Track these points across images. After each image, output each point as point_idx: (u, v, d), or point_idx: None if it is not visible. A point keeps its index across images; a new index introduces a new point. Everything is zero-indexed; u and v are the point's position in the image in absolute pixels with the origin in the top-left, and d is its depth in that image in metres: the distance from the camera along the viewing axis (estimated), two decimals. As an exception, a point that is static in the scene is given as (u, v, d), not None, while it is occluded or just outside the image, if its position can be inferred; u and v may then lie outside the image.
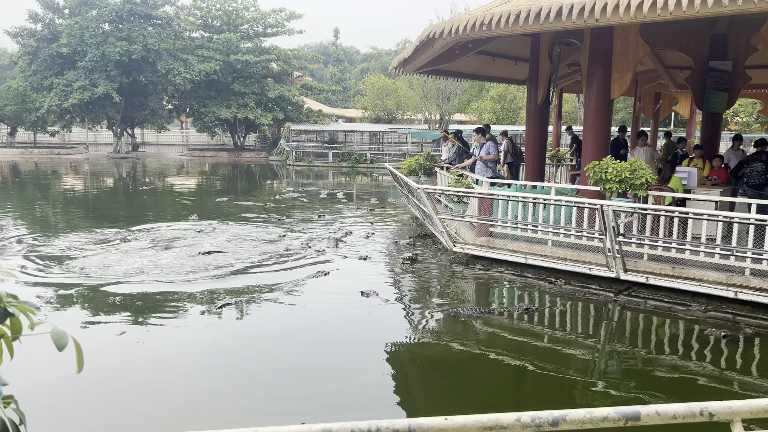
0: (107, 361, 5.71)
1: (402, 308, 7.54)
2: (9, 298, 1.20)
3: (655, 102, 20.65)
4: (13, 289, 7.04)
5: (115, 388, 5.20)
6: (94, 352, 5.92)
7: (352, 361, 5.93)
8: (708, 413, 1.73)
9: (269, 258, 9.96)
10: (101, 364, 5.59)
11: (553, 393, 5.27)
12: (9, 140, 48.87)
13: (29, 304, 1.24)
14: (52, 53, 39.56)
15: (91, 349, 5.98)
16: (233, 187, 25.30)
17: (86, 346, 4.42)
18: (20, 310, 1.20)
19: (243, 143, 49.20)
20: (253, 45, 45.77)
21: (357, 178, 31.03)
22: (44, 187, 24.15)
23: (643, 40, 9.30)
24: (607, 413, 1.70)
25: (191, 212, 15.29)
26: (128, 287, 8.04)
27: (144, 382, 5.37)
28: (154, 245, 10.92)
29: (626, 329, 6.98)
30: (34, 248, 10.58)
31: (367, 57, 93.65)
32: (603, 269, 8.13)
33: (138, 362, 5.79)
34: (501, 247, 9.47)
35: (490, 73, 16.39)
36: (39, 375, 5.21)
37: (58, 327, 1.20)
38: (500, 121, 43.15)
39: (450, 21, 8.96)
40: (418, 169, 13.06)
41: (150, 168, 35.07)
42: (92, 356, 5.73)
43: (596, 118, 9.87)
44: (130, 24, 40.04)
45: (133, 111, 43.26)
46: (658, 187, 8.82)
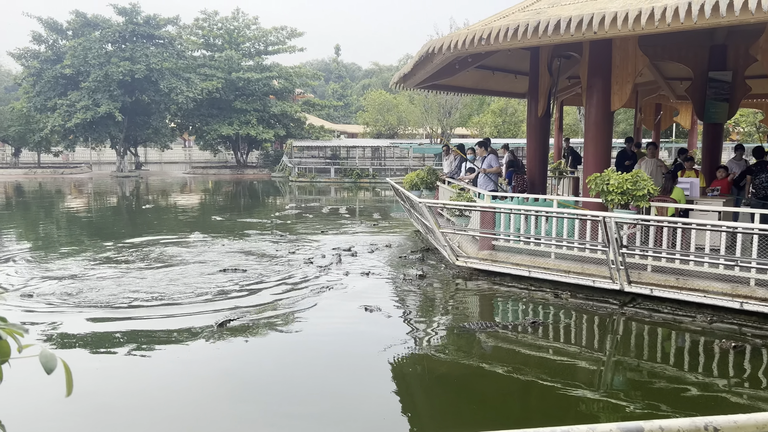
0: (106, 384, 5.68)
1: (406, 323, 7.50)
2: (-2, 321, 1.18)
3: (656, 113, 20.68)
4: (23, 314, 7.01)
5: (116, 411, 5.16)
6: (86, 375, 5.90)
7: (356, 377, 5.88)
8: (713, 428, 1.70)
9: (271, 274, 9.94)
10: (100, 386, 5.56)
11: (558, 408, 5.21)
12: (13, 161, 49.16)
13: (18, 327, 1.22)
14: (56, 74, 39.93)
15: (84, 372, 5.96)
16: (236, 204, 25.35)
17: (85, 370, 4.39)
18: (8, 333, 1.18)
19: (246, 160, 49.41)
20: (255, 63, 46.18)
21: (359, 193, 31.07)
22: (47, 206, 24.23)
23: (642, 52, 9.33)
24: (610, 429, 1.67)
25: (193, 229, 15.30)
26: (127, 308, 8.02)
27: (147, 406, 5.33)
28: (156, 264, 10.91)
29: (631, 342, 6.93)
30: (36, 268, 10.59)
31: (369, 73, 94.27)
32: (607, 281, 8.08)
33: (138, 383, 5.75)
34: (504, 260, 9.43)
35: (490, 87, 16.46)
36: (37, 400, 5.18)
37: (47, 350, 1.18)
38: (501, 135, 43.28)
39: (448, 36, 9.00)
40: (420, 183, 13.07)
41: (153, 186, 35.19)
42: (89, 378, 5.71)
43: (597, 131, 9.88)
44: (132, 44, 40.45)
45: (136, 130, 43.55)
46: (661, 198, 8.79)
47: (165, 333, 6.98)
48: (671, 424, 1.70)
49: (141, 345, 6.62)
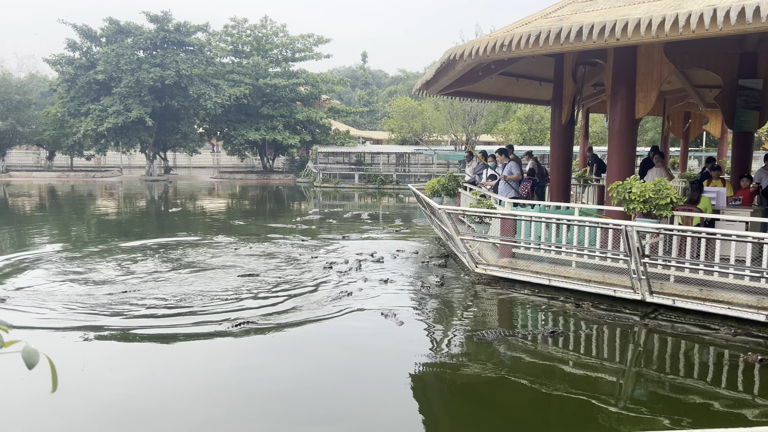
0: (124, 387, 5.78)
1: (425, 330, 7.47)
2: (-19, 317, 1.21)
3: (684, 121, 20.33)
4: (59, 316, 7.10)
5: (135, 415, 5.24)
6: (102, 377, 6.00)
7: (374, 383, 5.87)
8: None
9: (291, 279, 10.00)
10: (115, 388, 5.65)
11: (578, 419, 5.14)
12: (47, 164, 50.46)
13: (2, 323, 1.26)
14: (89, 80, 40.94)
15: (101, 374, 6.07)
16: (261, 208, 25.60)
17: (102, 373, 4.46)
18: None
19: (272, 166, 49.91)
20: (282, 69, 46.69)
21: (383, 199, 31.12)
22: (79, 208, 24.78)
23: (668, 59, 9.19)
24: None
25: (217, 233, 15.50)
26: (146, 312, 8.15)
27: (161, 410, 5.40)
28: (179, 267, 11.08)
29: (653, 353, 6.79)
30: (62, 269, 10.84)
31: (395, 80, 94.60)
32: (628, 291, 7.95)
33: (154, 387, 5.83)
34: (524, 268, 9.35)
35: (514, 94, 16.37)
36: (63, 403, 5.29)
37: (30, 345, 1.22)
38: (527, 142, 42.96)
39: (470, 43, 9.00)
40: (441, 190, 13.04)
41: (181, 190, 35.75)
42: (105, 380, 5.82)
43: (620, 138, 9.74)
44: (163, 51, 41.25)
45: (165, 135, 44.37)
46: (686, 207, 8.63)
47: (183, 336, 7.07)
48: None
49: (159, 349, 6.71)
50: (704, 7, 6.66)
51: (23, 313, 7.82)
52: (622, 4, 8.24)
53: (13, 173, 46.27)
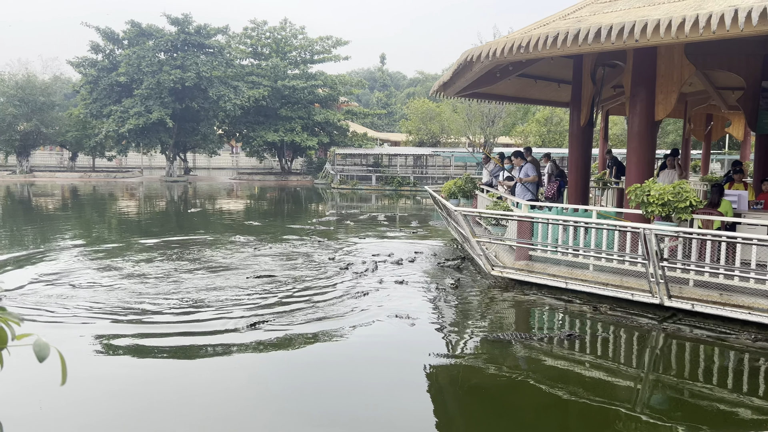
0: (140, 387, 5.84)
1: (440, 333, 7.46)
2: (-6, 311, 1.25)
3: (706, 124, 20.05)
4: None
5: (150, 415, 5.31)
6: (119, 378, 6.08)
7: (388, 384, 5.87)
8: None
9: (307, 279, 10.05)
10: (134, 389, 5.72)
11: (594, 424, 5.09)
12: (70, 164, 51.29)
13: (13, 316, 1.29)
14: (111, 82, 41.57)
15: (117, 375, 6.14)
16: (278, 209, 25.75)
17: (117, 373, 4.52)
18: (2, 321, 1.25)
19: (290, 167, 50.20)
20: (300, 71, 46.97)
21: (400, 201, 31.12)
22: (100, 208, 25.15)
23: (689, 61, 9.08)
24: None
25: (234, 233, 15.63)
26: (168, 309, 8.25)
27: (178, 411, 5.46)
28: (195, 267, 11.19)
29: (671, 358, 6.70)
30: (80, 267, 11.01)
31: (414, 81, 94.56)
32: (646, 295, 7.86)
33: (170, 386, 5.89)
34: (540, 271, 9.28)
35: (532, 95, 16.28)
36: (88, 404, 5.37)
37: (41, 339, 1.25)
38: (546, 144, 42.69)
39: (487, 44, 8.97)
40: (458, 191, 13.01)
41: (200, 191, 36.09)
42: (121, 380, 5.89)
43: (640, 141, 9.64)
44: (184, 53, 41.73)
45: (185, 136, 44.86)
46: (707, 210, 8.51)
47: (198, 335, 7.13)
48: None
49: (174, 348, 6.79)
50: (725, 7, 6.57)
51: (39, 309, 7.95)
52: (642, 4, 8.16)
53: (37, 173, 47.09)
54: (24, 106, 43.43)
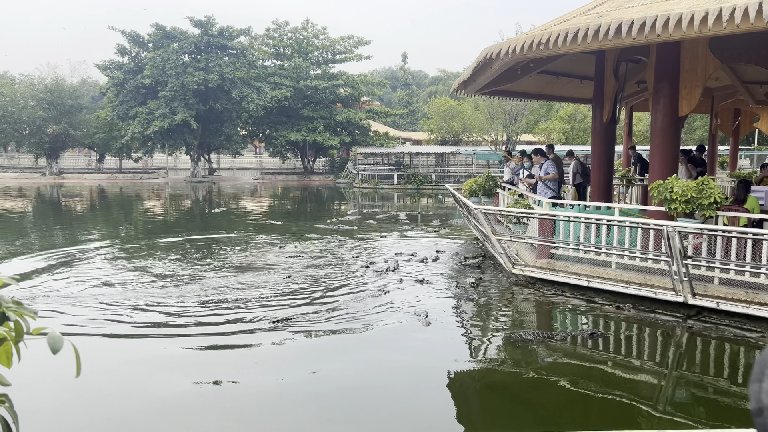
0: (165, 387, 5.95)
1: (461, 331, 7.45)
2: (10, 304, 1.31)
3: (734, 119, 19.63)
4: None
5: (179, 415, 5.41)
6: (143, 375, 6.20)
7: (409, 384, 5.89)
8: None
9: (328, 278, 10.12)
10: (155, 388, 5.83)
11: (617, 422, 5.05)
12: (97, 166, 52.26)
13: (28, 310, 1.35)
14: (137, 84, 42.25)
15: (142, 372, 6.26)
16: (301, 209, 25.93)
17: (146, 371, 4.61)
18: (18, 315, 1.31)
19: (312, 167, 50.46)
20: (322, 71, 47.17)
21: (422, 200, 31.09)
22: (127, 209, 25.61)
23: (714, 55, 8.92)
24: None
25: (257, 233, 15.80)
26: (189, 311, 8.38)
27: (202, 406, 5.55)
28: (219, 266, 11.34)
29: (695, 357, 6.61)
30: (109, 267, 11.24)
31: (436, 80, 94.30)
32: (669, 293, 7.75)
33: (194, 383, 6.00)
34: (562, 269, 9.21)
35: (554, 92, 16.13)
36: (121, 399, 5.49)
37: (55, 332, 1.30)
38: (570, 141, 42.25)
39: (507, 41, 8.93)
40: (479, 190, 12.96)
41: (225, 191, 36.51)
42: (149, 378, 6.01)
43: (663, 137, 9.50)
44: (207, 55, 42.22)
45: (209, 137, 45.39)
46: (733, 207, 8.36)
47: (222, 334, 7.24)
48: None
49: (201, 346, 6.90)
50: (749, 0, 6.45)
51: (65, 310, 8.15)
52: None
53: (66, 175, 48.09)
54: (53, 109, 44.38)
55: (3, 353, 1.34)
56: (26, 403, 5.07)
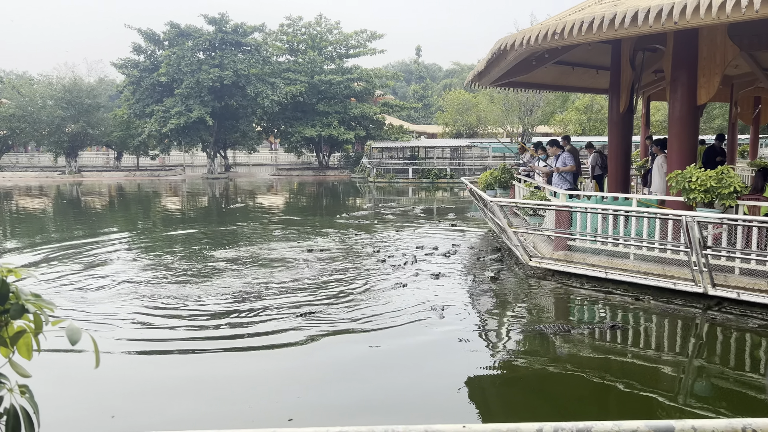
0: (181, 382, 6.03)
1: (479, 324, 7.43)
2: (29, 297, 1.34)
3: (754, 107, 19.30)
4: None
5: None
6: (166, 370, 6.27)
7: (427, 374, 5.90)
8: (751, 430, 1.62)
9: (345, 272, 10.15)
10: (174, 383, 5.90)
11: (637, 415, 5.02)
12: (115, 164, 52.85)
13: (47, 303, 1.37)
14: (153, 82, 42.61)
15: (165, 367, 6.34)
16: (317, 204, 26.03)
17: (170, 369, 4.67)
18: (37, 307, 1.34)
19: (327, 162, 50.57)
20: (336, 66, 47.18)
21: (437, 193, 31.02)
22: (145, 206, 25.89)
23: (733, 42, 8.76)
24: (637, 426, 1.63)
25: (275, 228, 15.89)
26: (214, 301, 8.47)
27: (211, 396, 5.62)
28: (237, 261, 11.43)
29: (716, 348, 6.54)
30: (131, 262, 11.38)
31: (450, 73, 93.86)
32: (689, 284, 7.66)
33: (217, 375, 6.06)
34: (580, 260, 9.15)
35: (570, 83, 15.98)
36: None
37: (74, 324, 1.32)
38: (586, 132, 41.84)
39: (521, 32, 8.85)
40: (494, 182, 12.90)
41: (241, 187, 36.73)
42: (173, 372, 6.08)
43: (681, 126, 9.38)
44: (222, 52, 42.43)
45: (225, 134, 45.67)
46: (753, 196, 8.24)
47: (246, 327, 7.31)
48: (705, 424, 1.64)
49: (227, 339, 6.97)
50: (769, -15, 6.32)
51: (86, 305, 8.27)
52: (681, -15, 7.91)
53: (85, 173, 48.71)
54: (71, 108, 44.92)
55: (23, 345, 1.37)
56: (45, 395, 5.17)
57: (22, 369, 1.34)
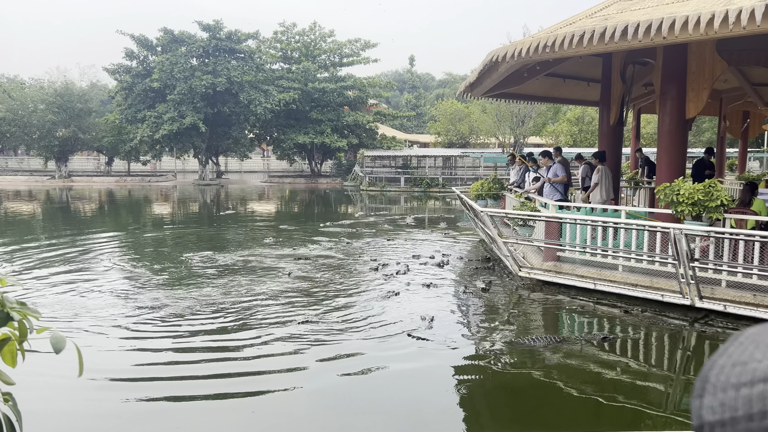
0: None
1: (468, 335, 7.44)
2: (15, 304, 1.34)
3: (743, 121, 19.54)
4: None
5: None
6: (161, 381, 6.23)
7: (414, 387, 5.90)
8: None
9: (337, 281, 10.14)
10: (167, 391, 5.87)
11: (626, 426, 5.03)
12: (106, 169, 52.54)
13: (32, 311, 1.37)
14: (145, 88, 42.48)
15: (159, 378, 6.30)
16: (309, 212, 25.99)
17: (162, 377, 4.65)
18: (22, 315, 1.33)
19: (320, 170, 50.55)
20: (330, 74, 47.27)
21: (429, 202, 31.08)
22: (135, 212, 25.75)
23: (721, 57, 8.88)
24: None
25: (266, 236, 15.85)
26: (203, 317, 8.43)
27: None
28: (228, 272, 11.39)
29: (704, 360, 6.58)
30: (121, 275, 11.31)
31: (443, 83, 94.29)
32: (677, 296, 7.72)
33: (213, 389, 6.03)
34: (569, 271, 9.19)
35: (561, 95, 16.12)
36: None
37: (58, 332, 1.32)
38: (578, 144, 42.13)
39: (513, 44, 8.93)
40: (485, 193, 12.96)
41: (232, 194, 36.63)
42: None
43: (671, 139, 9.48)
44: (215, 58, 42.40)
45: (217, 140, 45.56)
46: (739, 210, 8.32)
47: (239, 342, 7.28)
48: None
49: (214, 350, 6.94)
50: (755, 2, 6.43)
51: (71, 313, 8.21)
52: (670, 1, 8.04)
53: (75, 178, 48.40)
54: (62, 112, 44.69)
55: (7, 353, 1.37)
56: (30, 403, 5.13)
57: (5, 377, 1.33)
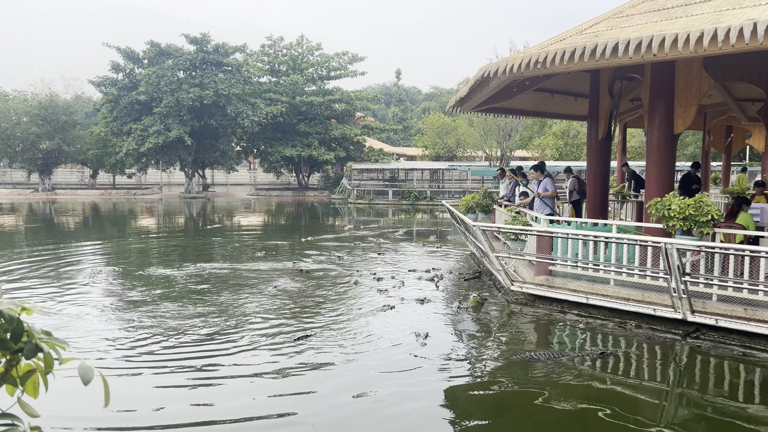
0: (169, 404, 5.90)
1: (464, 351, 7.41)
2: (42, 335, 1.31)
3: (726, 135, 19.86)
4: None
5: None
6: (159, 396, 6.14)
7: (410, 405, 5.85)
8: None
9: (328, 297, 10.09)
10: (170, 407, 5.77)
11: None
12: (91, 182, 52.05)
13: (60, 341, 1.34)
14: (132, 100, 42.30)
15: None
16: (296, 225, 25.89)
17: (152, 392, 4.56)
18: (50, 346, 1.30)
19: (307, 182, 50.52)
20: (318, 87, 47.42)
21: (417, 215, 31.12)
22: (120, 225, 25.48)
23: (708, 73, 9.03)
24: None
25: (253, 251, 15.75)
26: (201, 333, 8.33)
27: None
28: (219, 285, 11.29)
29: (696, 375, 6.61)
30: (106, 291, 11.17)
31: (429, 96, 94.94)
32: (668, 310, 7.77)
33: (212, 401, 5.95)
34: (561, 286, 9.23)
35: (549, 109, 16.28)
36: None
37: (86, 362, 1.29)
38: (563, 157, 42.54)
39: (504, 60, 9.02)
40: (476, 206, 13.01)
41: (219, 207, 36.42)
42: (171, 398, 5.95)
43: (659, 154, 9.60)
44: (202, 71, 42.37)
45: (204, 153, 45.40)
46: (727, 224, 8.42)
47: (226, 343, 7.20)
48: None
49: (214, 365, 6.85)
50: (744, 21, 6.55)
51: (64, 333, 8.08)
52: (659, 18, 8.17)
53: (59, 191, 47.87)
54: (46, 125, 44.29)
55: (30, 383, 1.33)
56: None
57: (31, 409, 1.30)
